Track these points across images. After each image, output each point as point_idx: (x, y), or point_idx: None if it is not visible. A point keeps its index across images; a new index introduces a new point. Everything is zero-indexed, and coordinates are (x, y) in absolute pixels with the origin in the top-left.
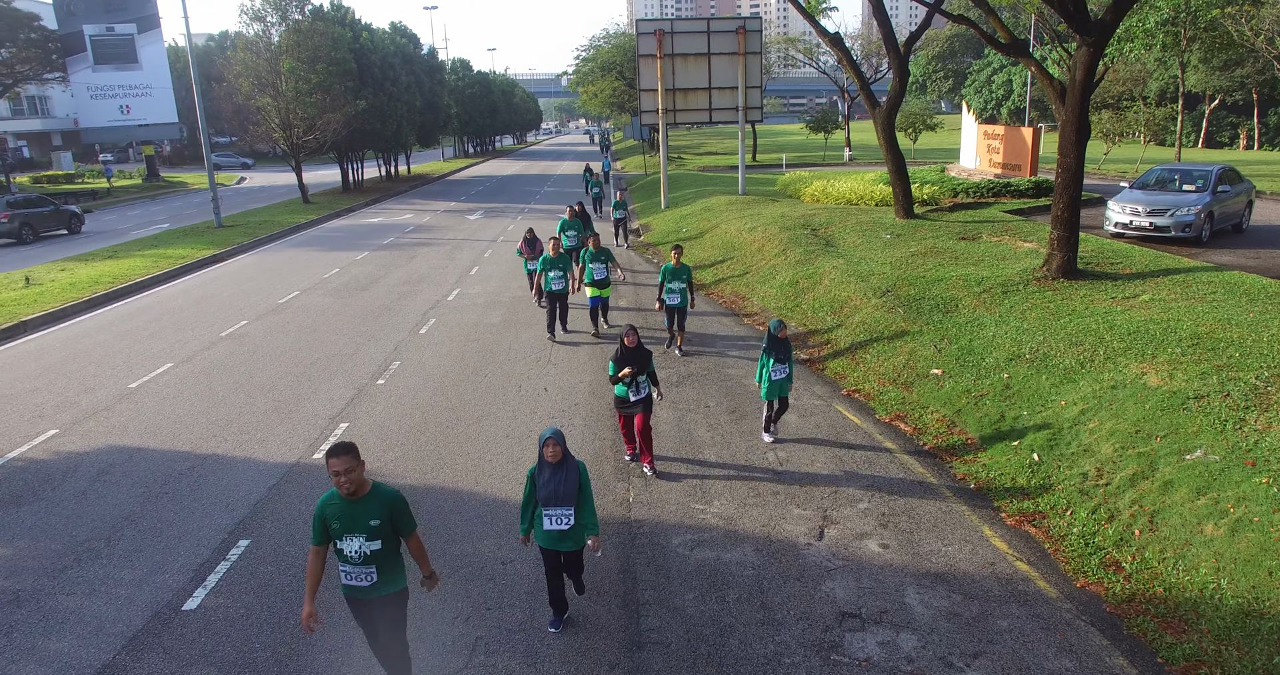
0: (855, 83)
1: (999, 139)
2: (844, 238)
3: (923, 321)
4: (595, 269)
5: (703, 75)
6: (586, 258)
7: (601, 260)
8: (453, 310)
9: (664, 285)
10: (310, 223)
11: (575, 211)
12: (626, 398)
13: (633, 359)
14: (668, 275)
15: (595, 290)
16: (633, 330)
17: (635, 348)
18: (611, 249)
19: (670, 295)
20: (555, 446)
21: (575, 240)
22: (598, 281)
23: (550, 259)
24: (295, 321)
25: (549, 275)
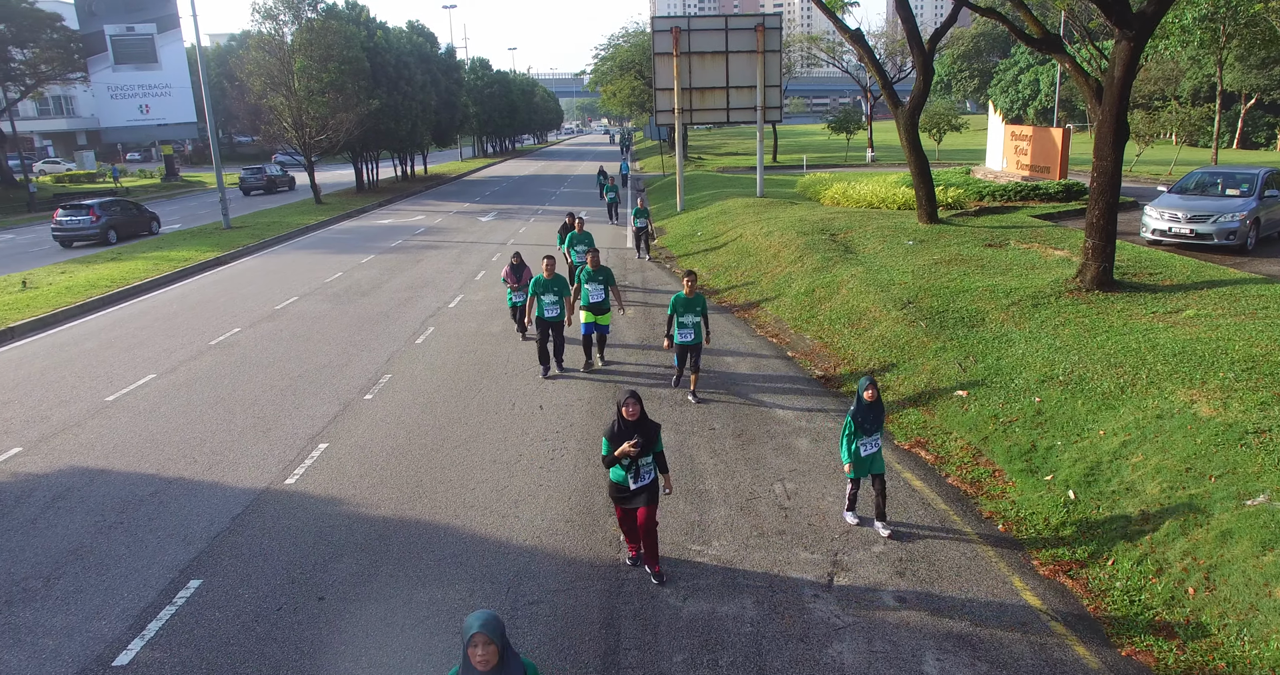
0: (877, 81)
1: (1027, 140)
2: (864, 243)
3: (946, 337)
4: (592, 290)
5: (720, 74)
6: (582, 277)
7: (600, 281)
8: (453, 318)
9: (674, 319)
10: (320, 224)
11: (581, 222)
12: (625, 485)
13: (634, 436)
14: (679, 307)
15: (591, 315)
16: (634, 399)
17: (637, 421)
18: (630, 263)
19: (682, 331)
20: (487, 647)
21: (585, 257)
22: (594, 305)
23: (544, 281)
24: (288, 329)
25: (542, 299)
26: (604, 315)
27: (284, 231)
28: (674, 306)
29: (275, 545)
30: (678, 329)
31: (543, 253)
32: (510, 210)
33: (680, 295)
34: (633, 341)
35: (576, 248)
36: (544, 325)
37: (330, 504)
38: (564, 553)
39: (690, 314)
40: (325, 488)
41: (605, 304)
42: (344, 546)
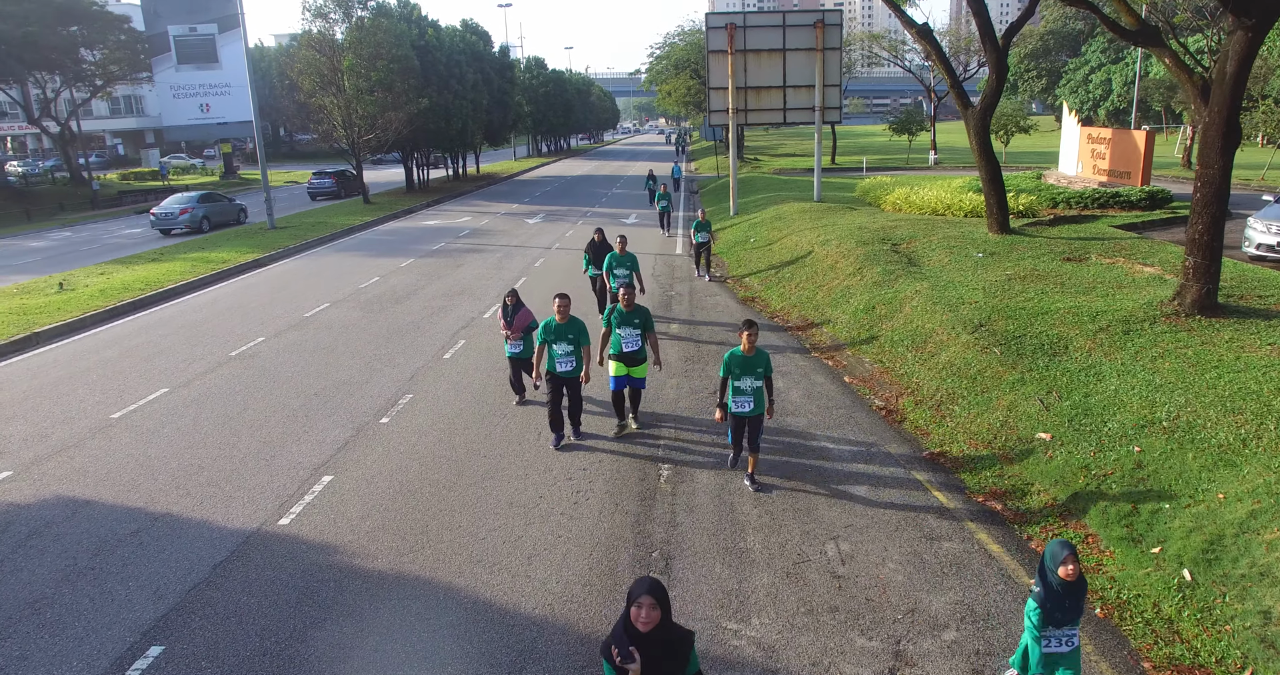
0: (945, 80)
1: (1105, 143)
2: (929, 255)
3: (1024, 366)
4: (625, 337)
5: (777, 73)
6: (614, 320)
7: (636, 326)
8: (486, 330)
9: (728, 383)
10: (365, 225)
11: (623, 241)
12: None
13: (651, 648)
14: (734, 368)
15: (623, 367)
16: (652, 597)
17: (658, 629)
18: (679, 276)
19: (738, 399)
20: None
21: (627, 280)
22: (627, 356)
23: (556, 325)
24: (313, 340)
25: (554, 349)
26: (639, 366)
27: (327, 233)
28: (727, 367)
29: (254, 604)
30: (733, 395)
31: (576, 272)
32: (559, 212)
33: (736, 352)
34: (681, 403)
35: (616, 272)
36: (556, 382)
37: (324, 552)
38: (578, 627)
39: (749, 377)
40: (321, 531)
41: (641, 353)
42: (330, 608)
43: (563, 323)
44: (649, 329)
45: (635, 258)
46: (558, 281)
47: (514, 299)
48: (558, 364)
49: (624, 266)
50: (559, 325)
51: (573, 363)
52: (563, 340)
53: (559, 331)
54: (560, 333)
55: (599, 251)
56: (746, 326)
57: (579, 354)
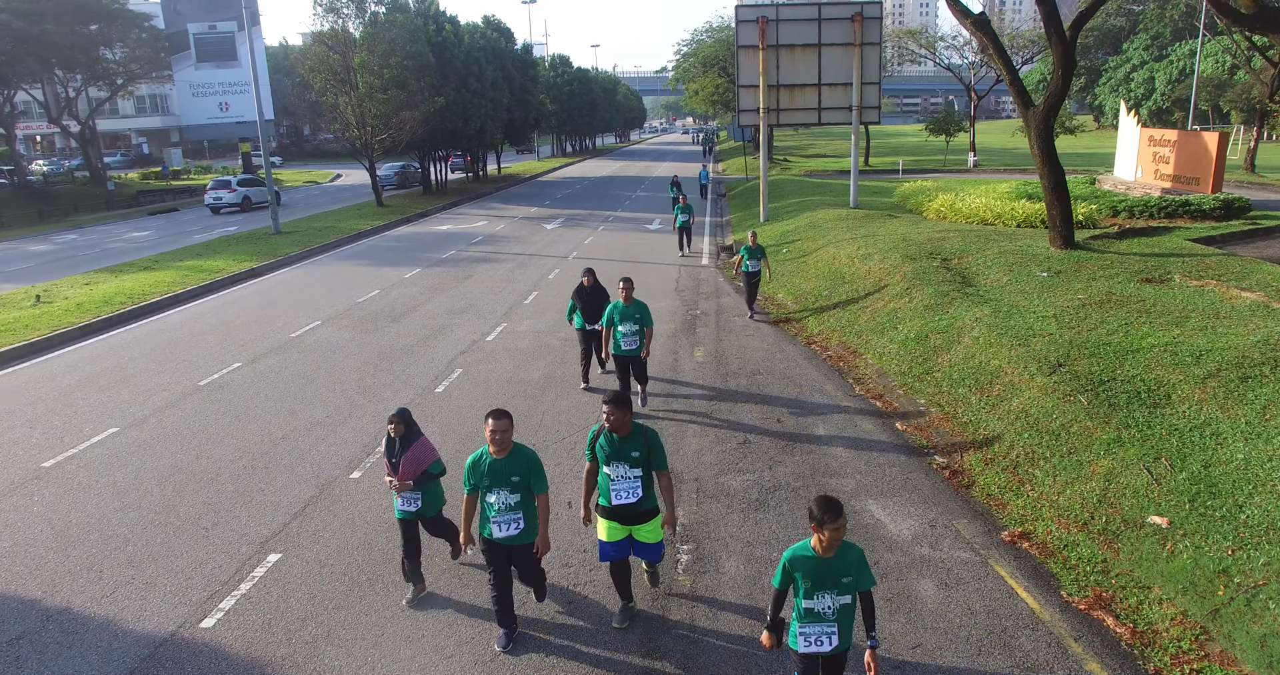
0: (1003, 76)
1: (1169, 146)
2: (985, 273)
3: (1119, 421)
4: (617, 481)
5: (811, 70)
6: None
7: (636, 460)
8: (487, 357)
9: (785, 596)
10: (374, 230)
11: (628, 286)
12: None
13: None
14: (803, 576)
15: (618, 528)
16: None
17: None
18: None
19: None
20: None
21: (636, 342)
22: (620, 510)
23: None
24: (294, 367)
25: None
26: (646, 525)
27: (333, 238)
28: (786, 575)
29: None
30: (802, 622)
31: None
32: (579, 216)
33: (804, 551)
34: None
35: (621, 329)
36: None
37: (248, 670)
38: None
39: (827, 593)
40: (249, 642)
41: (647, 502)
42: None
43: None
44: (660, 465)
45: (645, 308)
46: (569, 296)
47: (403, 423)
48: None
49: (630, 320)
50: (493, 466)
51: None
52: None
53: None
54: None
55: (590, 300)
56: (830, 515)
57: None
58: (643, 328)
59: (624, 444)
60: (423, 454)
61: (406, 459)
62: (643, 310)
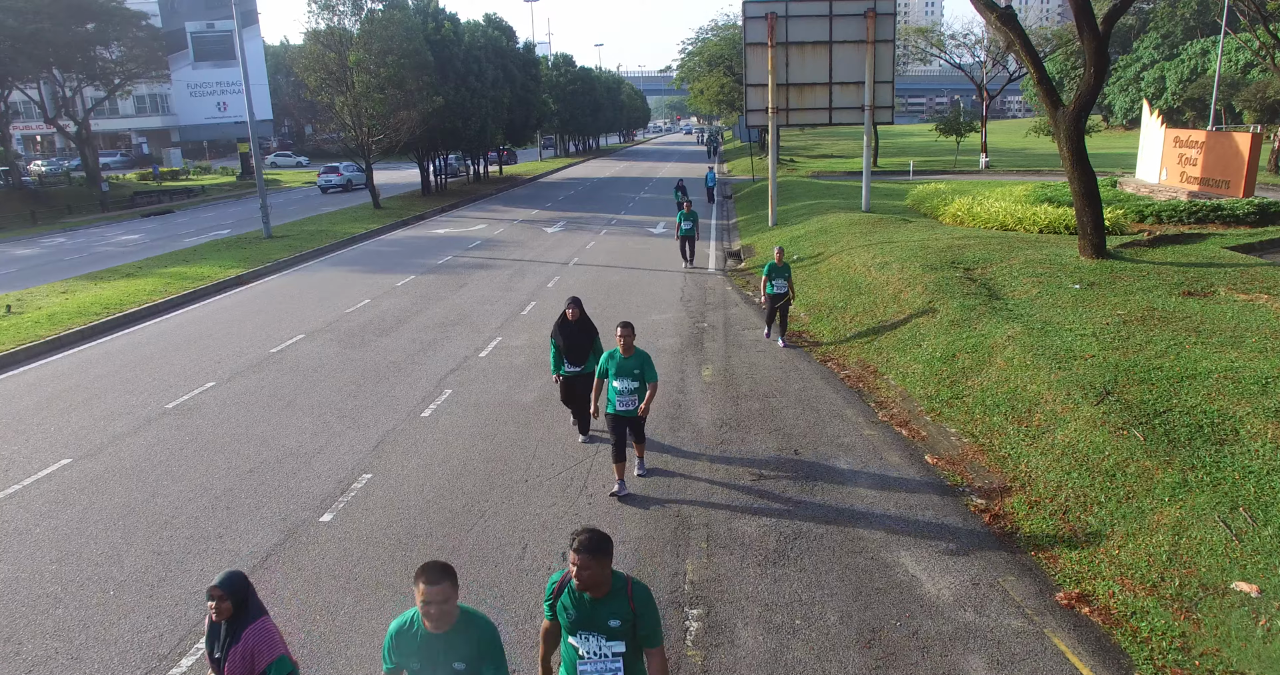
0: (1031, 74)
1: (1197, 147)
2: (1012, 285)
3: (1183, 461)
4: (621, 395)
5: (822, 68)
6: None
7: (635, 375)
8: (479, 375)
9: None
10: (369, 234)
11: (627, 333)
12: None
13: None
14: None
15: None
16: None
17: None
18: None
19: None
20: None
21: (634, 402)
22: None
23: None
24: (271, 387)
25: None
26: None
27: (326, 243)
28: None
29: None
30: None
31: (594, 296)
32: (581, 220)
33: None
34: None
35: (617, 385)
36: None
37: None
38: None
39: None
40: None
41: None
42: None
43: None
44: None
45: (648, 360)
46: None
47: (229, 599)
48: None
49: (628, 376)
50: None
51: None
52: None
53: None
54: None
55: (575, 337)
56: None
57: None
58: (644, 384)
59: (598, 608)
60: (259, 647)
61: (235, 656)
62: (645, 363)
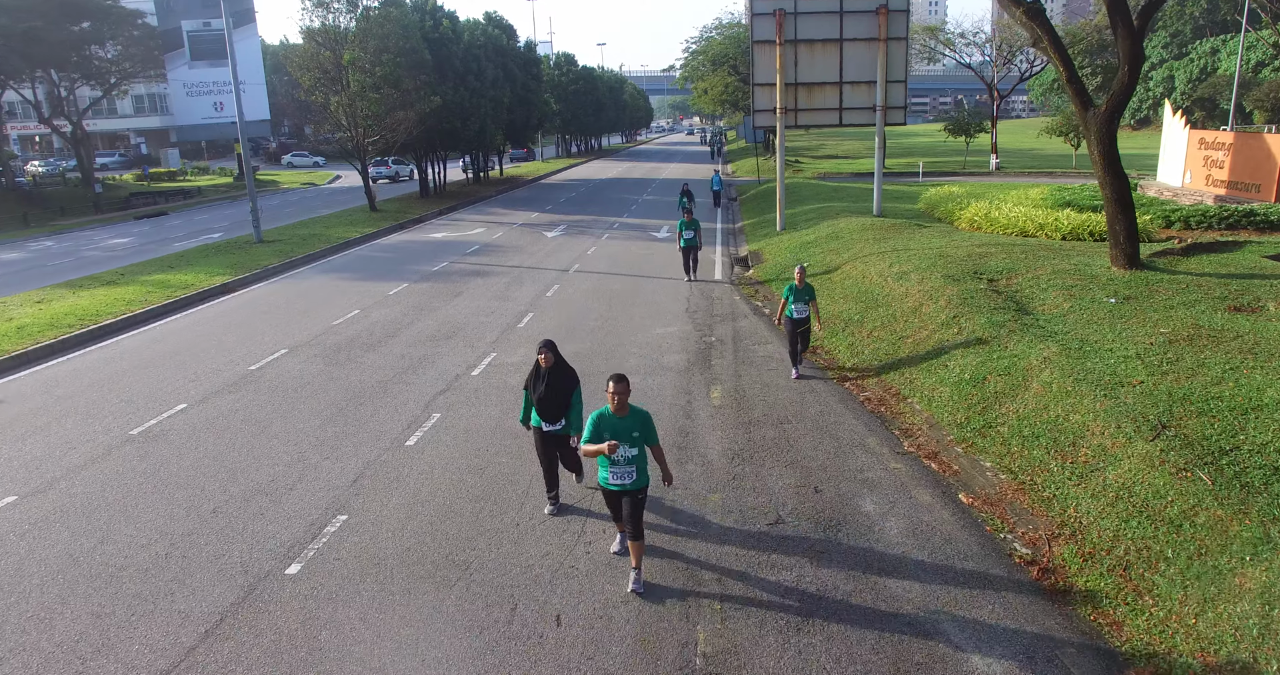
0: (1060, 72)
1: (1224, 149)
2: (1041, 298)
3: (1262, 510)
4: (616, 466)
5: (832, 67)
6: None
7: (634, 438)
8: (471, 397)
9: None
10: (363, 238)
11: (619, 391)
12: None
13: None
14: None
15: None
16: None
17: None
18: (752, 360)
19: None
20: None
21: (631, 475)
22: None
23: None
24: (246, 409)
25: None
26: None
27: (318, 248)
28: None
29: None
30: None
31: (595, 306)
32: (583, 223)
33: None
34: None
35: (617, 458)
36: None
37: None
38: None
39: None
40: None
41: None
42: None
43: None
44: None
45: (648, 421)
46: (568, 317)
47: None
48: None
49: (624, 435)
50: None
51: None
52: None
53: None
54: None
55: (551, 388)
56: None
57: None
58: (644, 451)
59: (623, 423)
60: None
61: None
62: (644, 424)
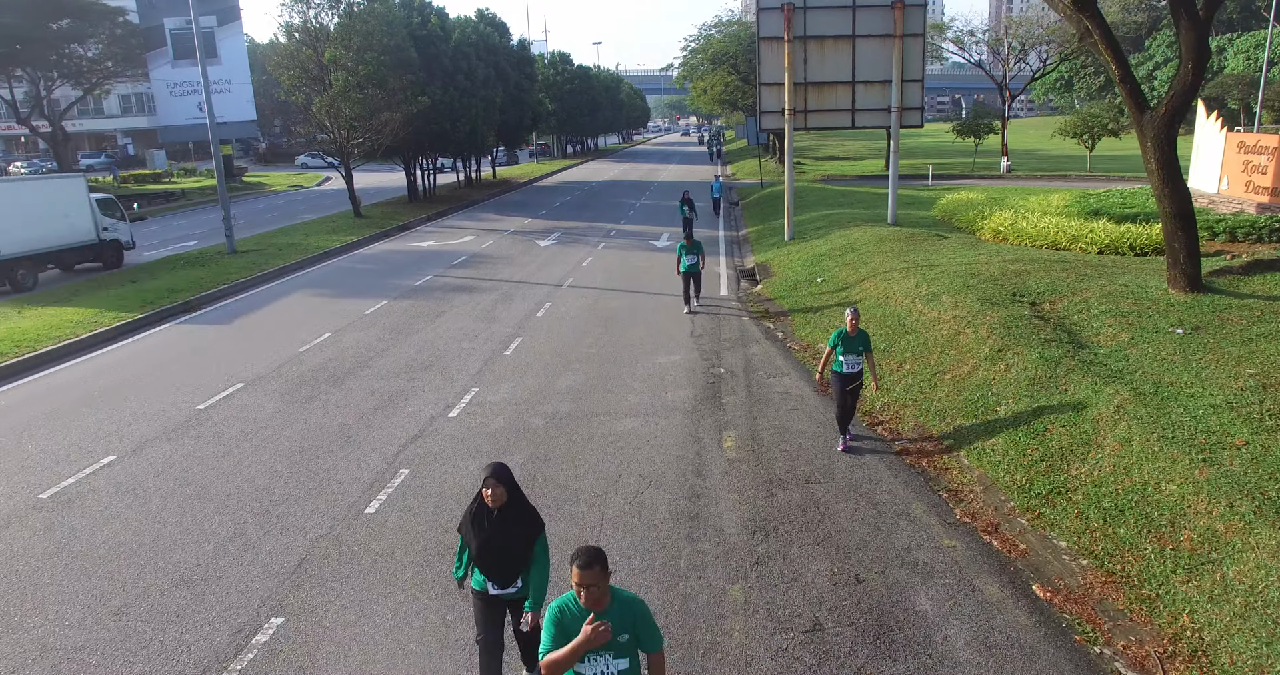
0: (1113, 70)
1: (1266, 153)
2: (1094, 326)
3: None
4: None
5: (844, 65)
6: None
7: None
8: (446, 447)
9: None
10: (344, 248)
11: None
12: None
13: None
14: None
15: None
16: None
17: None
18: (768, 398)
19: None
20: None
21: None
22: None
23: None
24: (184, 464)
25: None
26: None
27: (294, 259)
28: None
29: None
30: None
31: (590, 330)
32: (578, 231)
33: None
34: None
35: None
36: None
37: None
38: None
39: None
40: None
41: None
42: None
43: None
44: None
45: (643, 611)
46: (561, 342)
47: None
48: None
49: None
50: None
51: None
52: None
53: None
54: None
55: (499, 536)
56: None
57: None
58: (635, 664)
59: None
60: None
61: None
62: (638, 621)
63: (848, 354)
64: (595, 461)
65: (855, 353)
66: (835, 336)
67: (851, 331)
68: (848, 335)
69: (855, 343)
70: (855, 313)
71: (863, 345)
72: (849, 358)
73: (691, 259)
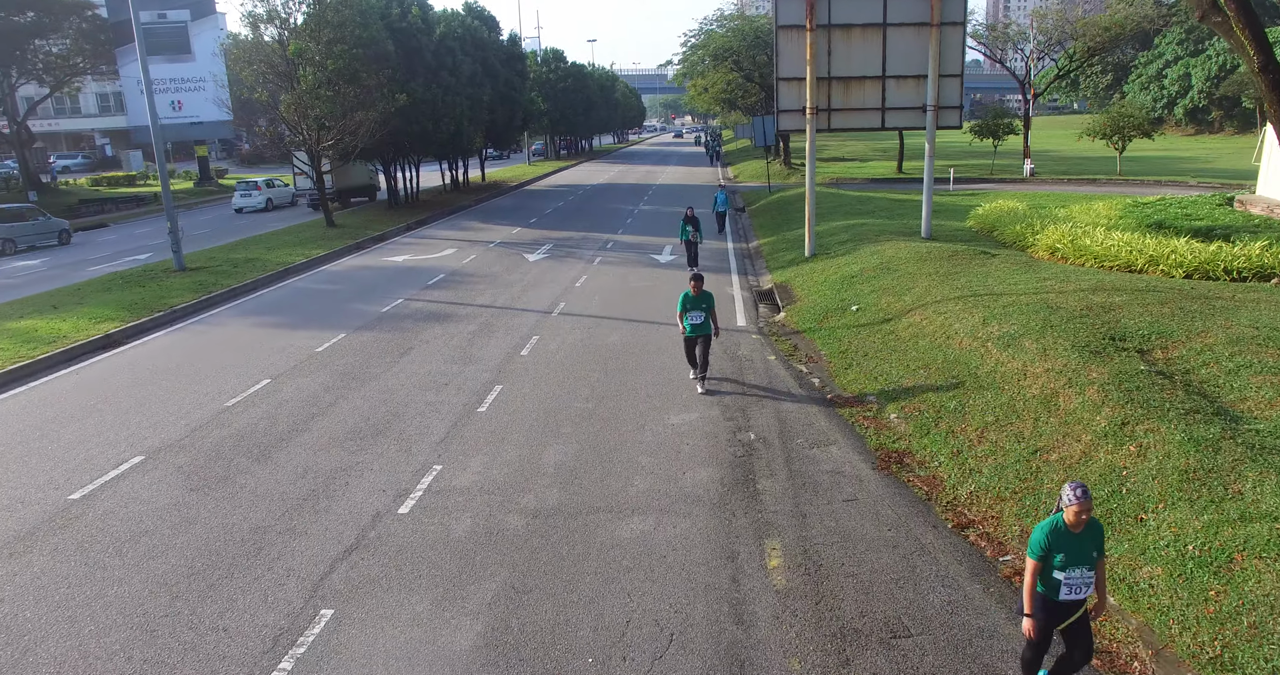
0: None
1: None
2: (1237, 388)
3: None
4: None
5: (873, 58)
6: None
7: None
8: (390, 566)
9: None
10: (308, 264)
11: None
12: None
13: None
14: None
15: None
16: None
17: None
18: (817, 483)
19: None
20: None
21: None
22: None
23: None
24: (14, 602)
25: None
26: None
27: (249, 278)
28: None
29: None
30: None
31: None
32: (570, 242)
33: None
34: None
35: None
36: None
37: None
38: None
39: None
40: None
41: None
42: None
43: None
44: None
45: None
46: (549, 394)
47: None
48: None
49: None
50: None
51: None
52: None
53: None
54: None
55: None
56: None
57: None
58: None
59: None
60: None
61: None
62: None
63: (1072, 567)
64: (593, 597)
65: (1084, 564)
66: (1044, 535)
67: (1075, 525)
68: (1068, 528)
69: (1085, 542)
70: (1084, 494)
71: (1096, 545)
72: (1071, 572)
73: (698, 317)
